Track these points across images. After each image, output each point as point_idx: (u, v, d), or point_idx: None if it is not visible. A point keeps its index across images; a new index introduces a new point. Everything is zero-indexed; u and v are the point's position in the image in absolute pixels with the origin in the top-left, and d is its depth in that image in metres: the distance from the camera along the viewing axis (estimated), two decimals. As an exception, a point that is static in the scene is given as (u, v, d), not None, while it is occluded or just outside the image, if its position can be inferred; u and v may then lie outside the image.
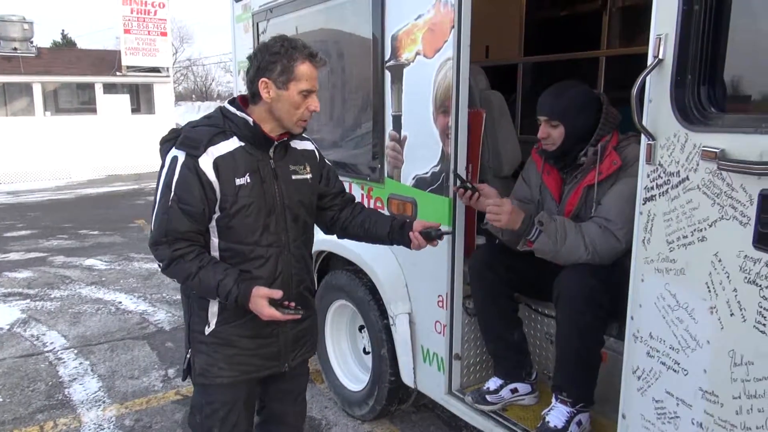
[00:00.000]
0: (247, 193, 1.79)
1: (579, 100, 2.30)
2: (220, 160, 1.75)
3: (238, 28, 4.03)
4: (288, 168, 1.92)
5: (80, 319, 5.00)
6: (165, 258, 1.77)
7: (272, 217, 1.86)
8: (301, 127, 1.87)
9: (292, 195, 1.91)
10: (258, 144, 1.84)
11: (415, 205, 2.61)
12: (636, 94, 1.58)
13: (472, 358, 2.68)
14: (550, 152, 2.34)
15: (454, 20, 2.27)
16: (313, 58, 1.79)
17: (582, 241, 2.13)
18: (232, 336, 1.90)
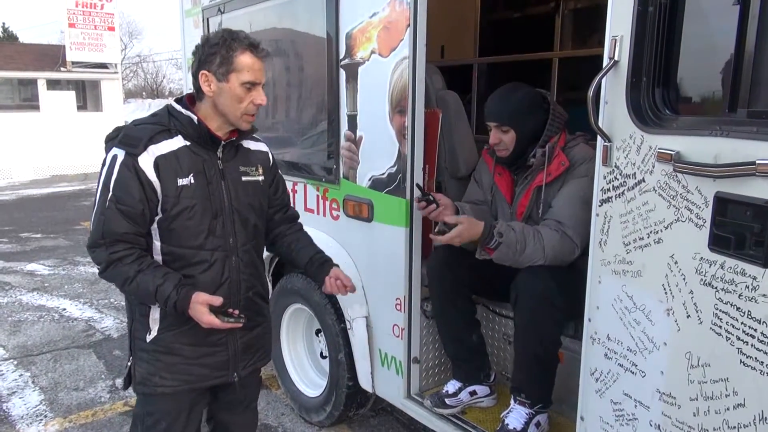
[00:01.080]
0: (190, 194, 1.71)
1: (526, 103, 2.30)
2: (162, 159, 1.67)
3: (188, 23, 3.89)
4: (238, 169, 1.84)
5: (20, 327, 4.74)
6: (102, 261, 1.69)
7: (218, 220, 1.78)
8: (247, 122, 1.79)
9: (240, 197, 1.83)
10: (204, 143, 1.76)
11: (371, 206, 2.56)
12: (592, 96, 1.57)
13: (430, 361, 2.65)
14: (504, 158, 2.34)
15: (409, 18, 2.23)
16: (254, 49, 1.72)
17: (541, 249, 2.13)
18: (174, 344, 1.81)
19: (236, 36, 1.71)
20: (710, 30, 1.49)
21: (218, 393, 2.03)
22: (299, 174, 2.97)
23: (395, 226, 2.45)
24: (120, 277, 1.69)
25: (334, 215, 2.79)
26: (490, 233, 2.14)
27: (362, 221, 2.61)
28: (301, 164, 2.98)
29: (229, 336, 1.87)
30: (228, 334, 1.86)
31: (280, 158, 3.13)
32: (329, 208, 2.82)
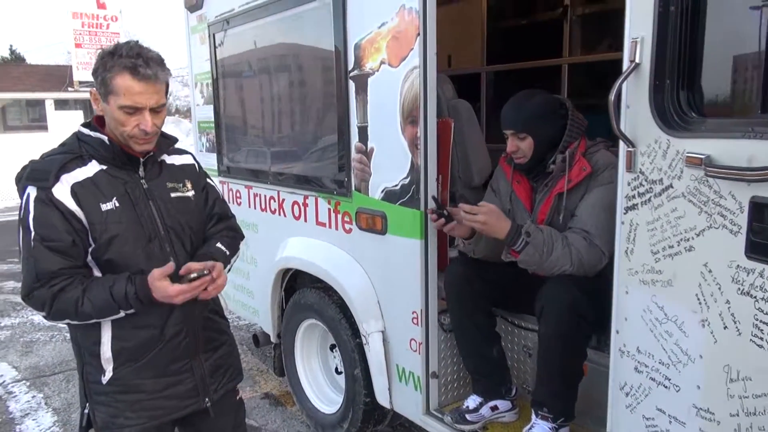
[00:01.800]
0: (116, 218, 1.59)
1: (542, 109, 2.26)
2: (78, 187, 1.56)
3: (194, 40, 3.89)
4: (165, 186, 1.72)
5: (33, 348, 4.72)
6: (45, 299, 1.54)
7: (155, 243, 1.65)
8: (139, 145, 1.61)
9: (173, 215, 1.70)
10: (121, 164, 1.64)
11: (385, 218, 2.51)
12: (613, 100, 1.52)
13: (449, 376, 2.59)
14: (522, 165, 2.29)
15: (419, 27, 2.20)
16: (134, 71, 1.51)
17: (569, 254, 2.07)
18: (134, 380, 1.68)
19: (119, 52, 1.54)
20: (736, 28, 1.44)
21: (196, 423, 1.88)
22: (310, 187, 2.94)
23: (410, 239, 2.40)
24: (68, 305, 1.54)
25: (346, 228, 2.75)
26: (517, 232, 2.09)
27: (376, 234, 2.57)
28: (311, 177, 2.94)
29: (193, 361, 1.76)
30: (191, 360, 1.75)
31: (290, 172, 3.10)
32: (341, 222, 2.77)
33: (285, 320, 3.31)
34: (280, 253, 3.16)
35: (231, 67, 3.54)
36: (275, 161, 3.25)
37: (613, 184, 2.02)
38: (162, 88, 1.60)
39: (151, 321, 1.66)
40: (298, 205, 3.05)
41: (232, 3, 3.31)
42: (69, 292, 1.54)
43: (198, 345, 1.77)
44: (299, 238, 3.07)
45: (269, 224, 3.32)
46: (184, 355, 1.73)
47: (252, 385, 3.87)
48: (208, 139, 3.92)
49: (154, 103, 1.56)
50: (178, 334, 1.71)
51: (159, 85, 1.57)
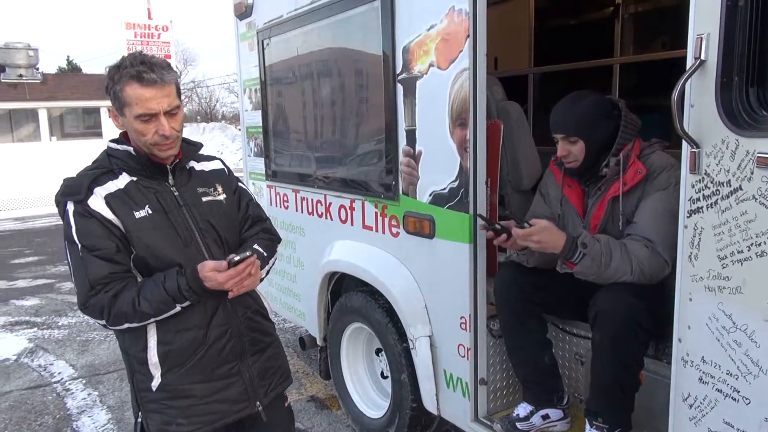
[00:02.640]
0: (150, 226, 1.62)
1: (594, 110, 2.19)
2: (111, 197, 1.60)
3: (243, 47, 3.96)
4: (196, 191, 1.75)
5: (88, 347, 4.89)
6: (104, 305, 1.58)
7: (191, 247, 1.68)
8: (163, 152, 1.64)
9: (206, 219, 1.73)
10: (150, 174, 1.68)
11: (433, 222, 2.49)
12: (676, 99, 1.46)
13: (498, 383, 2.54)
14: (574, 169, 2.23)
15: (469, 29, 2.17)
16: (140, 78, 1.55)
17: (629, 263, 2.00)
18: (183, 385, 1.69)
19: (122, 65, 1.59)
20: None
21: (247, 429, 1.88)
22: (357, 191, 2.94)
23: (458, 242, 2.36)
24: (126, 306, 1.58)
25: (393, 232, 2.74)
26: (573, 244, 2.03)
27: (423, 238, 2.54)
28: (358, 181, 2.94)
29: (241, 364, 1.77)
30: (239, 362, 1.76)
31: (337, 175, 3.12)
32: (389, 225, 2.76)
33: (331, 323, 3.32)
34: (327, 257, 3.17)
35: (279, 73, 3.59)
36: (322, 165, 3.27)
37: (673, 187, 1.95)
38: (171, 91, 1.61)
39: (195, 322, 1.68)
40: (345, 208, 3.06)
41: (281, 9, 3.36)
42: (124, 294, 1.58)
43: (244, 347, 1.78)
44: (346, 242, 3.07)
45: (316, 228, 3.34)
46: (231, 357, 1.74)
47: (298, 388, 3.89)
48: (256, 144, 3.98)
49: (166, 106, 1.59)
50: (222, 335, 1.72)
51: (168, 88, 1.60)
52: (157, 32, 16.46)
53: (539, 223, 2.08)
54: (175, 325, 1.65)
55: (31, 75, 16.13)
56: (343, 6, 2.84)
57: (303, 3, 3.13)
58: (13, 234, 11.38)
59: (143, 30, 16.21)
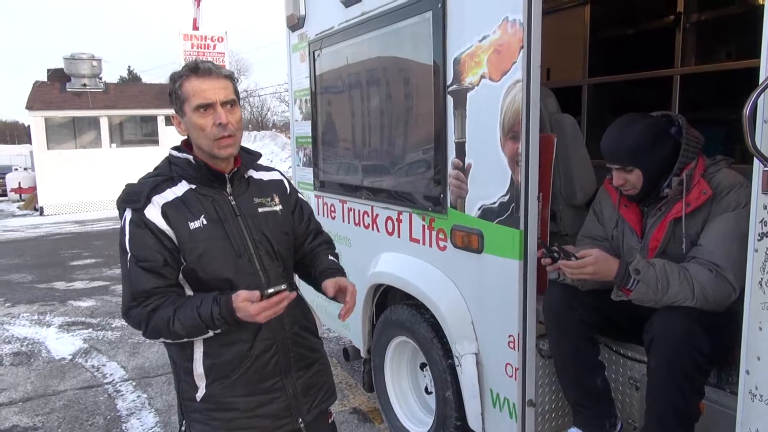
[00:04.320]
0: (204, 236, 1.63)
1: (647, 136, 2.08)
2: (168, 207, 1.62)
3: (294, 58, 4.01)
4: (252, 201, 1.74)
5: (139, 349, 5.02)
6: (141, 319, 1.60)
7: (243, 258, 1.67)
8: (223, 148, 1.64)
9: (261, 230, 1.72)
10: (208, 182, 1.68)
11: (482, 237, 2.43)
12: (748, 114, 1.37)
13: (547, 405, 2.45)
14: (634, 196, 2.13)
15: (523, 40, 2.12)
16: (195, 72, 1.60)
17: (689, 289, 1.89)
18: (226, 398, 1.69)
19: (181, 68, 1.64)
20: None
21: None
22: (404, 203, 2.91)
23: (508, 258, 2.30)
24: (161, 324, 1.59)
25: (441, 246, 2.69)
26: (626, 271, 1.94)
27: (471, 252, 2.49)
28: (406, 193, 2.91)
29: (285, 379, 1.75)
30: (283, 378, 1.75)
31: (385, 187, 3.10)
32: (436, 239, 2.72)
33: (375, 336, 3.30)
34: (373, 268, 3.15)
35: (329, 83, 3.61)
36: (370, 176, 3.26)
37: (743, 208, 1.84)
38: (227, 85, 1.63)
39: (241, 336, 1.67)
40: (392, 220, 3.03)
41: (332, 21, 3.38)
42: (161, 311, 1.59)
43: (289, 362, 1.77)
44: (392, 254, 3.05)
45: (362, 239, 3.33)
46: (275, 372, 1.73)
47: (341, 399, 3.88)
48: (305, 154, 4.01)
49: (223, 97, 1.60)
50: (267, 350, 1.71)
51: (222, 81, 1.62)
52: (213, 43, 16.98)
53: (590, 254, 2.00)
54: (220, 339, 1.65)
55: (94, 84, 16.90)
56: (393, 17, 2.83)
57: (354, 14, 3.14)
58: (74, 236, 11.88)
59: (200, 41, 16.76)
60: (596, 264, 1.97)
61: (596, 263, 1.97)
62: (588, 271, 1.99)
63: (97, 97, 16.58)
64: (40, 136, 15.92)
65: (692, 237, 2.01)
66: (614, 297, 2.03)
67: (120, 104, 16.96)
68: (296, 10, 3.80)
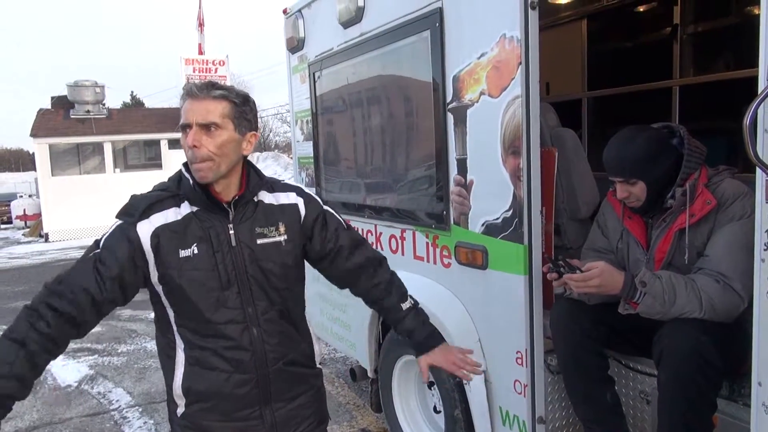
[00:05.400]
0: (192, 266, 1.55)
1: (649, 148, 2.08)
2: (163, 230, 1.55)
3: (295, 79, 4.04)
4: (253, 231, 1.63)
5: (145, 375, 4.99)
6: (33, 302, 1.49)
7: (230, 291, 1.59)
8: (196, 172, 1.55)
9: (257, 262, 1.62)
10: (209, 207, 1.60)
11: (486, 253, 2.42)
12: (748, 124, 1.37)
13: (558, 421, 2.42)
14: (638, 208, 2.13)
15: (521, 56, 2.13)
16: (190, 93, 1.55)
17: (697, 300, 1.88)
18: (202, 420, 1.64)
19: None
20: None
21: None
22: (407, 221, 2.91)
23: (513, 274, 2.29)
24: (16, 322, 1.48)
25: (445, 263, 2.68)
26: (632, 284, 1.92)
27: (476, 269, 2.48)
28: (409, 211, 2.91)
29: (264, 409, 1.67)
30: (262, 407, 1.67)
31: (387, 205, 3.09)
32: (440, 256, 2.71)
33: (382, 355, 3.27)
34: (378, 287, 3.13)
35: (329, 104, 3.63)
36: (372, 195, 3.27)
37: (748, 218, 1.83)
38: (212, 107, 1.54)
39: (219, 366, 1.61)
40: (396, 238, 3.03)
41: (331, 42, 3.42)
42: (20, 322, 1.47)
43: (269, 394, 1.68)
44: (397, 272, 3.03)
45: (367, 258, 3.31)
46: (253, 402, 1.66)
47: (349, 420, 3.84)
48: (307, 174, 4.02)
49: (200, 119, 1.51)
50: (245, 383, 1.63)
51: (207, 102, 1.53)
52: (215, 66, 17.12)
53: (596, 266, 1.98)
54: (201, 363, 1.61)
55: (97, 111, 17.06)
56: (392, 37, 2.85)
57: (352, 35, 3.17)
58: (79, 262, 11.86)
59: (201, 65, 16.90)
60: (602, 276, 1.96)
61: (602, 275, 1.96)
62: (594, 284, 1.97)
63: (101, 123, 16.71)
64: (44, 163, 16.02)
65: (698, 248, 2.00)
66: (621, 310, 2.02)
67: (123, 129, 17.09)
68: (296, 33, 3.85)
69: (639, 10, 4.07)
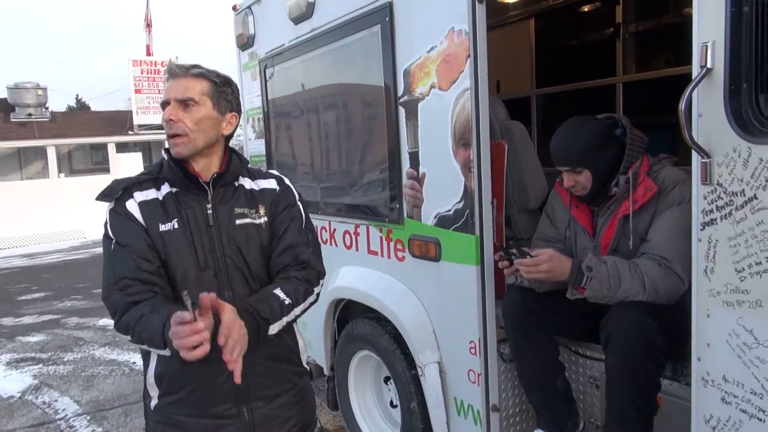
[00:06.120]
0: (171, 240, 1.55)
1: (595, 137, 2.14)
2: (144, 206, 1.58)
3: (246, 77, 3.98)
4: (232, 211, 1.62)
5: (93, 382, 4.82)
6: (119, 307, 1.49)
7: (206, 272, 1.56)
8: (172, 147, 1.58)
9: (236, 243, 1.60)
10: (186, 187, 1.60)
11: (439, 245, 2.44)
12: (683, 109, 1.42)
13: (511, 409, 2.46)
14: (584, 196, 2.19)
15: (469, 49, 2.16)
16: (171, 71, 1.61)
17: (641, 283, 1.94)
18: (173, 414, 1.60)
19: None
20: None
21: None
22: (361, 216, 2.90)
23: (465, 265, 2.31)
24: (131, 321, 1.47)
25: (399, 256, 2.69)
26: (579, 270, 1.97)
27: (429, 261, 2.50)
28: (362, 206, 2.91)
29: (241, 406, 1.60)
30: (239, 405, 1.59)
31: (341, 201, 3.08)
32: (394, 250, 2.72)
33: (338, 352, 3.26)
34: (332, 283, 3.12)
35: (281, 101, 3.59)
36: (326, 191, 3.25)
37: (687, 203, 1.90)
38: (190, 84, 1.58)
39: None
40: (350, 234, 3.02)
41: (282, 39, 3.38)
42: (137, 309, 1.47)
43: (246, 390, 1.60)
44: (351, 268, 3.03)
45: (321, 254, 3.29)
46: (228, 398, 1.59)
47: (306, 420, 3.80)
48: (259, 172, 3.97)
49: (178, 95, 1.56)
50: (219, 375, 1.53)
51: (186, 80, 1.58)
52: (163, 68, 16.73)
53: (544, 252, 2.03)
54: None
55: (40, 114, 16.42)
56: (342, 32, 2.85)
57: (303, 31, 3.15)
58: (21, 270, 11.40)
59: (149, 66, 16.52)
60: (550, 262, 2.01)
61: (550, 261, 2.01)
62: (543, 269, 2.01)
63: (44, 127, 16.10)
64: (-17, 168, 15.31)
65: (641, 233, 2.07)
66: (569, 295, 2.07)
67: (68, 133, 16.51)
68: (245, 29, 3.79)
69: (584, 9, 4.19)
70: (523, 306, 2.26)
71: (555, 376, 2.27)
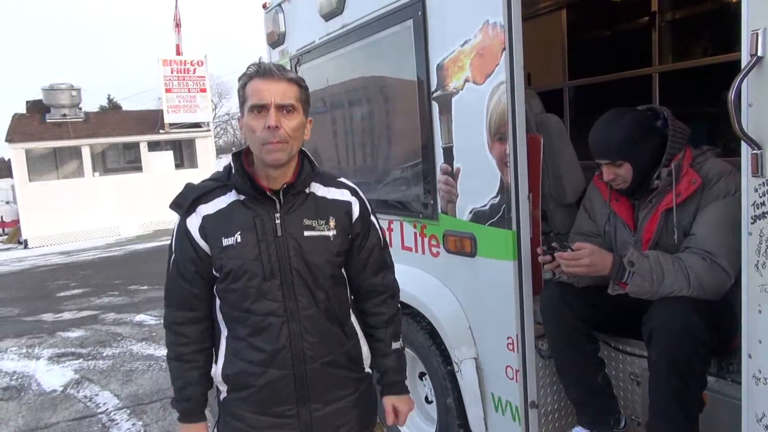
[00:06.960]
0: (234, 254, 1.55)
1: (635, 129, 2.10)
2: (208, 219, 1.58)
3: (277, 74, 4.00)
4: (301, 222, 1.59)
5: (132, 377, 4.93)
6: (166, 323, 1.70)
7: (272, 282, 1.56)
8: (270, 153, 1.51)
9: (303, 255, 1.58)
10: (255, 196, 1.58)
11: (474, 240, 2.43)
12: (733, 99, 1.38)
13: (550, 405, 2.43)
14: (624, 190, 2.14)
15: (504, 42, 2.13)
16: (259, 73, 1.52)
17: (685, 278, 1.90)
18: (237, 409, 1.65)
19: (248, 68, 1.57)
20: None
21: None
22: (395, 212, 2.90)
23: (502, 260, 2.29)
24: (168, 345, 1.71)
25: (433, 252, 2.68)
26: (621, 264, 1.94)
27: (465, 257, 2.48)
28: (396, 201, 2.91)
29: (301, 408, 1.63)
30: (299, 406, 1.63)
31: (374, 196, 3.08)
32: (428, 245, 2.71)
33: (373, 347, 3.26)
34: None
35: (313, 98, 3.59)
36: (359, 187, 3.24)
37: (733, 196, 1.85)
38: (289, 89, 1.52)
39: (256, 357, 1.59)
40: (384, 230, 3.02)
41: (313, 36, 3.39)
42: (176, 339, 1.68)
43: (306, 394, 1.63)
44: (385, 264, 3.02)
45: (354, 250, 3.30)
46: (290, 400, 1.62)
47: (340, 415, 3.83)
48: (291, 169, 3.99)
49: (279, 100, 1.49)
50: (281, 378, 1.59)
51: (284, 84, 1.52)
52: (193, 67, 16.98)
53: (585, 247, 2.00)
54: (241, 351, 1.61)
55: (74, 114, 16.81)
56: (374, 28, 2.84)
57: (334, 27, 3.15)
58: (60, 268, 11.72)
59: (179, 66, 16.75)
60: (592, 256, 1.97)
61: (592, 255, 1.98)
62: (584, 263, 1.98)
63: (78, 127, 16.48)
64: (21, 169, 15.76)
65: (684, 227, 2.03)
66: (611, 291, 2.03)
67: (101, 132, 16.88)
68: (276, 27, 3.81)
69: (617, -1, 4.11)
70: (562, 301, 2.23)
71: (595, 372, 2.24)
